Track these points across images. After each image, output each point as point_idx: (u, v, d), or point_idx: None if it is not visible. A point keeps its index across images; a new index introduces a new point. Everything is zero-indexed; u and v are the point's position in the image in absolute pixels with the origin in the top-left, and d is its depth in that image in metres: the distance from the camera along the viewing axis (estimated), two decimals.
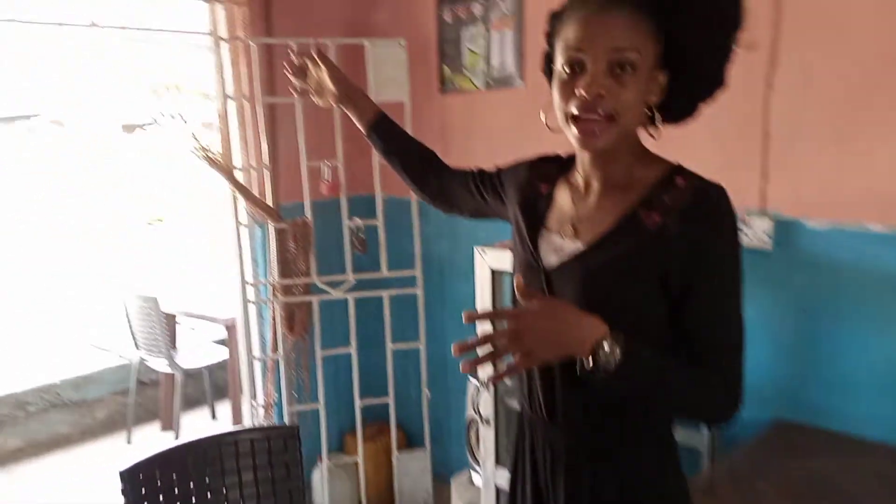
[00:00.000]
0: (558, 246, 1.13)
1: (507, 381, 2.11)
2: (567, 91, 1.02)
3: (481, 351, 0.99)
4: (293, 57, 1.50)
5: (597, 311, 0.99)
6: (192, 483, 1.61)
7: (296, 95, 1.58)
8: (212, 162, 2.60)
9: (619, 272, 1.04)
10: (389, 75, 2.76)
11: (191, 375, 4.06)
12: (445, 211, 1.49)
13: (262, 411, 2.99)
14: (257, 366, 2.99)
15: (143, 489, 1.53)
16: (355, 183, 2.84)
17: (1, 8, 2.44)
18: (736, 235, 1.03)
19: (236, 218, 2.75)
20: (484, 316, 0.99)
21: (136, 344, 3.86)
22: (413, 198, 2.83)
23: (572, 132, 1.03)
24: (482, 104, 2.75)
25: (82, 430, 4.02)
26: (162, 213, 10.83)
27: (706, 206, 1.01)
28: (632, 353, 0.96)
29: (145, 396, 4.16)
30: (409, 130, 2.73)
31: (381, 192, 2.84)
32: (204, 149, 2.56)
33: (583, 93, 0.99)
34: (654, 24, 1.01)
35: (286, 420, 2.96)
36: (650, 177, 1.07)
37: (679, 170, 1.08)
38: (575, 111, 1.01)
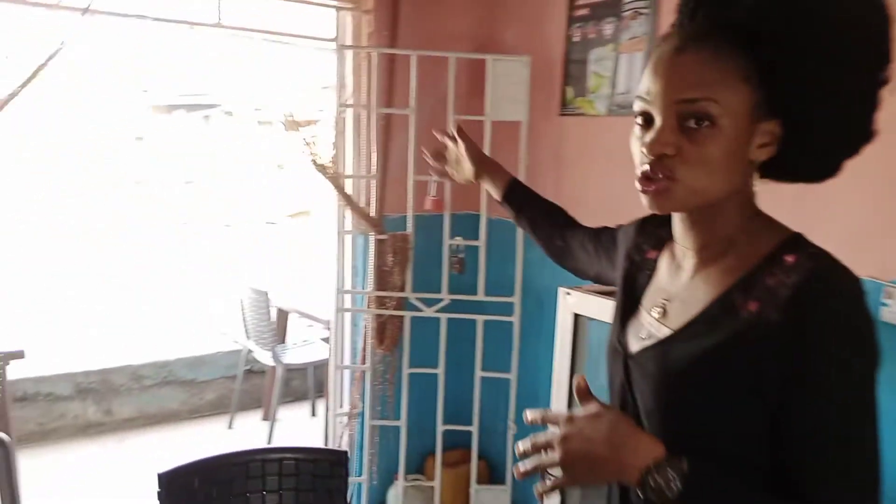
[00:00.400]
0: (645, 328, 0.95)
1: None
2: (636, 147, 0.86)
3: (532, 460, 0.86)
4: (437, 135, 1.48)
5: (670, 416, 0.85)
6: (230, 496, 1.57)
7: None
8: (320, 168, 2.60)
9: (699, 371, 0.85)
10: (509, 93, 2.64)
11: (295, 370, 4.15)
12: (572, 272, 1.33)
13: (344, 419, 2.96)
14: (346, 374, 2.97)
15: (180, 496, 1.50)
16: (461, 200, 2.74)
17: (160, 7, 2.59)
18: (858, 333, 0.79)
19: (341, 225, 2.74)
20: (538, 419, 0.87)
21: (246, 334, 3.99)
22: None
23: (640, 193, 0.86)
24: (603, 130, 2.57)
25: (190, 409, 4.21)
26: (307, 207, 11.31)
27: (816, 292, 0.79)
28: (696, 484, 0.77)
29: (253, 384, 4.29)
30: (523, 151, 2.66)
31: (486, 213, 2.73)
32: (314, 154, 2.56)
33: (644, 151, 0.83)
34: (746, 63, 0.81)
35: (366, 433, 2.92)
36: (759, 250, 0.86)
37: (794, 242, 0.85)
38: (638, 171, 0.85)
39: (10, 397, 3.06)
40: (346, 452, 1.68)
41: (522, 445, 0.85)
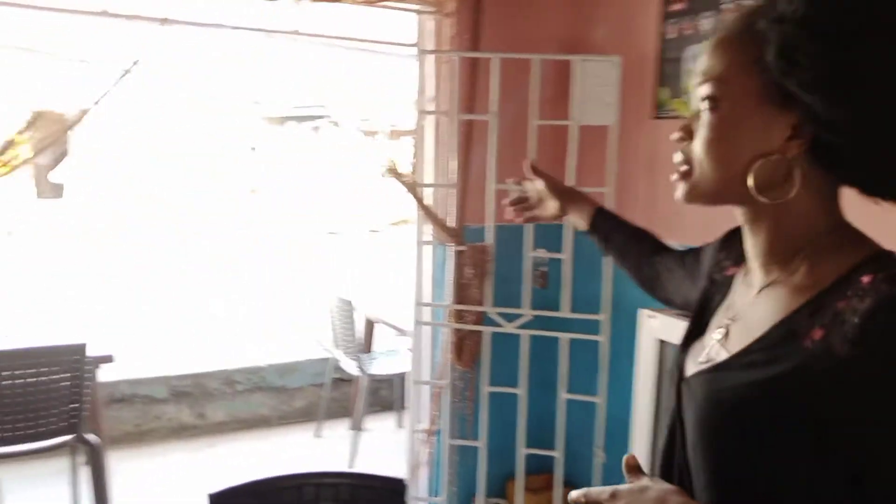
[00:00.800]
0: (706, 350, 0.84)
1: None
2: None
3: None
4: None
5: (712, 453, 0.76)
6: None
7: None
8: (397, 177, 2.52)
9: (747, 405, 0.73)
10: (597, 96, 2.47)
11: (381, 380, 4.10)
12: (663, 302, 1.21)
13: (423, 436, 2.86)
14: (425, 390, 2.88)
15: None
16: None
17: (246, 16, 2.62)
18: None
19: (420, 235, 2.65)
20: (580, 498, 0.77)
21: (335, 342, 3.98)
22: None
23: None
24: None
25: (280, 415, 4.25)
26: (408, 216, 11.38)
27: (887, 321, 0.64)
28: None
29: (342, 392, 4.28)
30: (614, 157, 2.47)
31: (570, 224, 2.56)
32: (391, 162, 2.49)
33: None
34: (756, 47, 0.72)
35: (444, 452, 2.81)
36: (836, 268, 0.72)
37: (876, 260, 0.71)
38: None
39: (102, 400, 3.18)
40: (402, 481, 1.57)
41: (574, 494, 0.77)
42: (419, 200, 2.58)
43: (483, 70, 2.63)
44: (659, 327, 1.55)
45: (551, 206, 1.33)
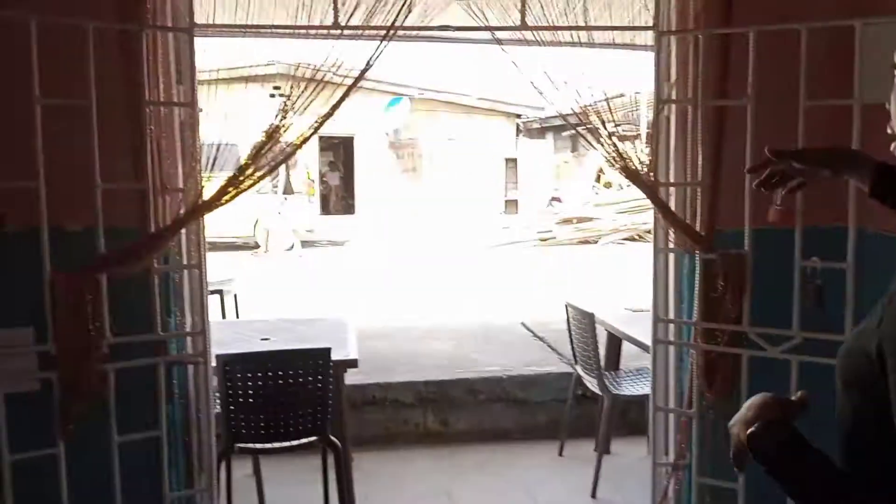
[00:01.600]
0: None
1: None
2: None
3: None
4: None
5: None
6: None
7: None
8: (631, 174, 2.25)
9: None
10: (887, 67, 1.97)
11: (630, 401, 3.79)
12: None
13: (668, 469, 2.54)
14: (671, 418, 2.55)
15: None
16: (819, 210, 2.13)
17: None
18: None
19: (658, 242, 2.35)
20: None
21: (574, 357, 3.77)
22: None
23: None
24: None
25: (523, 429, 4.13)
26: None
27: None
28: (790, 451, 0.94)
29: (586, 410, 4.04)
30: None
31: (855, 225, 2.08)
32: (623, 158, 2.23)
33: None
34: None
35: (693, 491, 2.45)
36: None
37: None
38: None
39: (352, 402, 3.32)
40: None
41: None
42: (657, 200, 2.28)
43: (737, 48, 2.26)
44: None
45: (822, 174, 1.14)
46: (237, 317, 5.48)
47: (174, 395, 2.47)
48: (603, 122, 2.25)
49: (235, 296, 5.66)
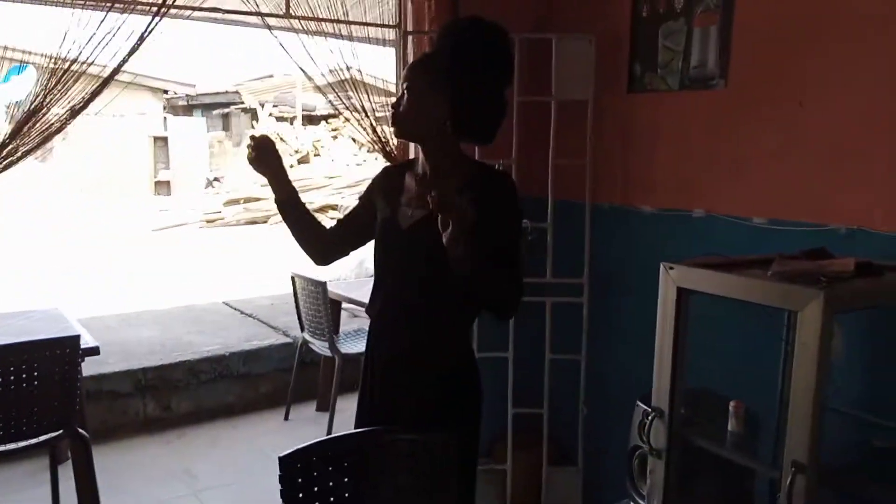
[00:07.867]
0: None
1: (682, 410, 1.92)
2: None
3: None
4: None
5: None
6: (346, 477, 1.58)
7: None
8: (387, 155, 2.59)
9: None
10: (574, 72, 2.63)
11: (349, 360, 4.15)
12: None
13: None
14: None
15: (299, 477, 1.51)
16: (528, 184, 2.72)
17: None
18: None
19: None
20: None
21: (301, 325, 4.00)
22: (588, 202, 2.69)
23: None
24: (673, 105, 2.54)
25: (246, 402, 4.23)
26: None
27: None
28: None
29: (306, 376, 4.30)
30: (590, 130, 2.64)
31: (552, 195, 2.71)
32: (381, 140, 2.55)
33: None
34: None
35: None
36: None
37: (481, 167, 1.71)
38: None
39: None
40: (455, 434, 1.68)
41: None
42: None
43: None
44: (679, 277, 1.71)
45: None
46: None
47: None
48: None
49: None
